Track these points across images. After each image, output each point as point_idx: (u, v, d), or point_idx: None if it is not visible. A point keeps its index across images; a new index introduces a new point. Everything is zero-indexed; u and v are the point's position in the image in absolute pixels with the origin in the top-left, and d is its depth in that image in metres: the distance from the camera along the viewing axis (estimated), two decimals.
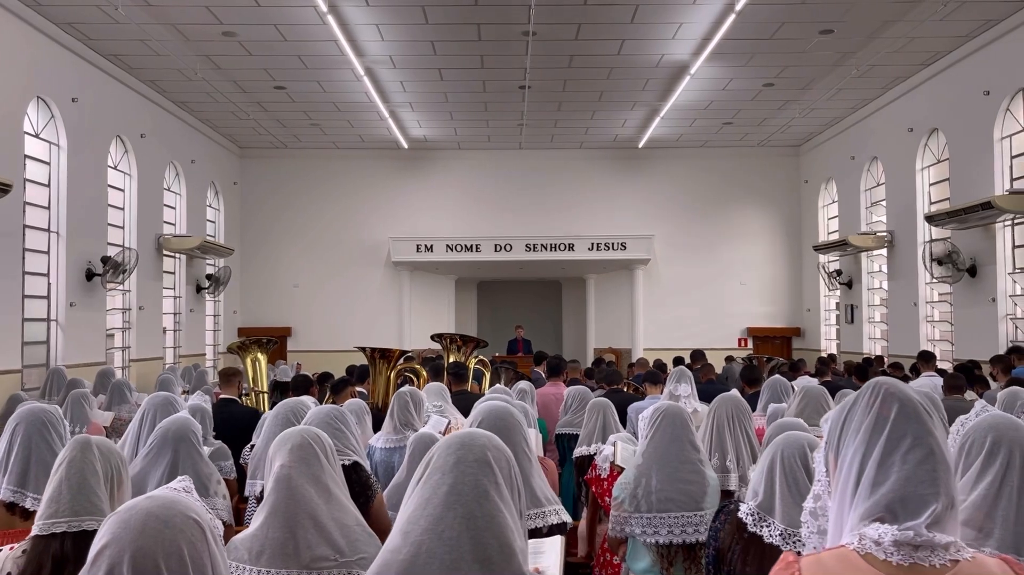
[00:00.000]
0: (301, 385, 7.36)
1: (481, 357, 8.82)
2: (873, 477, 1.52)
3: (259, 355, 9.23)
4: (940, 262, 12.12)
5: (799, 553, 1.61)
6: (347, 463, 3.38)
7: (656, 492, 3.54)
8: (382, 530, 3.26)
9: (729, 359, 14.34)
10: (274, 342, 10.36)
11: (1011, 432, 2.18)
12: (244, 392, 9.46)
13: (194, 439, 3.46)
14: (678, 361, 11.52)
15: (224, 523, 3.45)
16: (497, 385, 6.82)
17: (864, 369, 9.97)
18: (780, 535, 2.57)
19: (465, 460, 1.63)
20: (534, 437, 5.17)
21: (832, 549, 1.54)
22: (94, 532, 1.51)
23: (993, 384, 8.30)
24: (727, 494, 3.82)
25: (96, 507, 2.27)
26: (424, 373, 7.30)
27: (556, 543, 2.29)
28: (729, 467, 4.05)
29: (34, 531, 2.24)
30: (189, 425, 3.47)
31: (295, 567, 2.25)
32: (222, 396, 6.68)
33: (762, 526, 2.60)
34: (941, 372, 9.26)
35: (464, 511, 1.57)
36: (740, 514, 2.68)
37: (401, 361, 7.40)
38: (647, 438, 3.67)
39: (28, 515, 2.78)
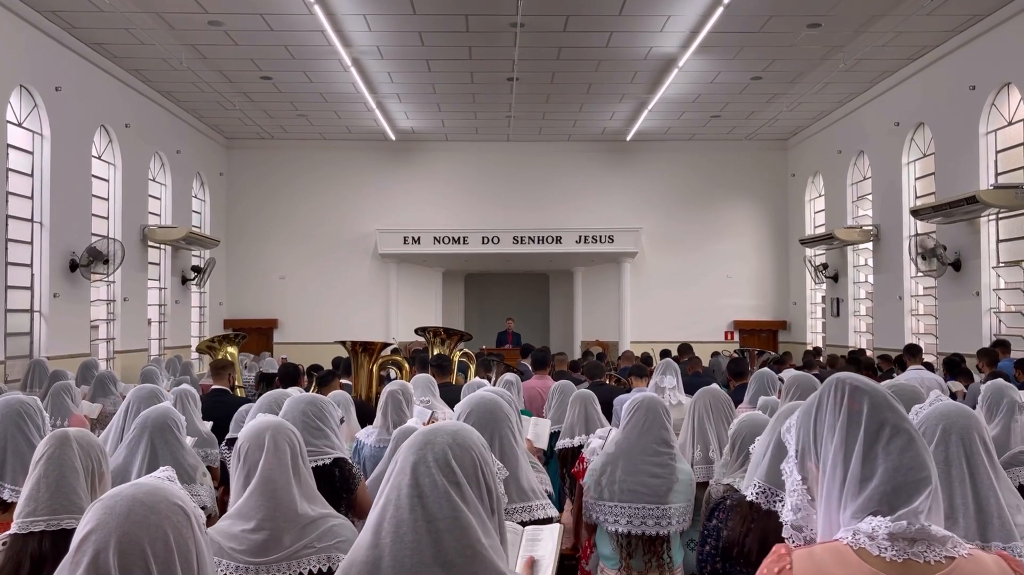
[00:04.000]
0: (289, 375, 7.28)
1: (466, 350, 8.81)
2: (860, 473, 1.50)
3: (229, 349, 9.13)
4: (925, 256, 12.20)
5: (792, 546, 1.58)
6: (328, 462, 3.38)
7: (620, 482, 3.60)
8: (365, 512, 3.32)
9: (715, 354, 14.37)
10: (242, 336, 10.25)
11: (961, 420, 2.22)
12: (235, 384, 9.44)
13: (175, 428, 3.42)
14: (665, 354, 11.57)
15: (207, 512, 3.44)
16: (475, 379, 6.81)
17: (857, 360, 10.11)
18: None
19: (425, 461, 1.62)
20: (540, 428, 5.16)
21: (825, 542, 1.52)
22: (73, 531, 1.51)
23: (978, 376, 8.37)
24: (704, 485, 3.82)
25: (75, 505, 2.24)
26: (407, 365, 7.28)
27: (554, 531, 2.30)
28: (712, 458, 4.08)
29: (12, 530, 2.22)
30: (169, 414, 3.43)
31: (257, 557, 2.37)
32: (214, 387, 6.65)
33: (776, 502, 2.56)
34: (928, 366, 9.33)
35: (424, 514, 1.58)
36: (749, 497, 2.64)
37: (386, 352, 7.38)
38: (622, 428, 3.71)
39: (5, 506, 2.75)
